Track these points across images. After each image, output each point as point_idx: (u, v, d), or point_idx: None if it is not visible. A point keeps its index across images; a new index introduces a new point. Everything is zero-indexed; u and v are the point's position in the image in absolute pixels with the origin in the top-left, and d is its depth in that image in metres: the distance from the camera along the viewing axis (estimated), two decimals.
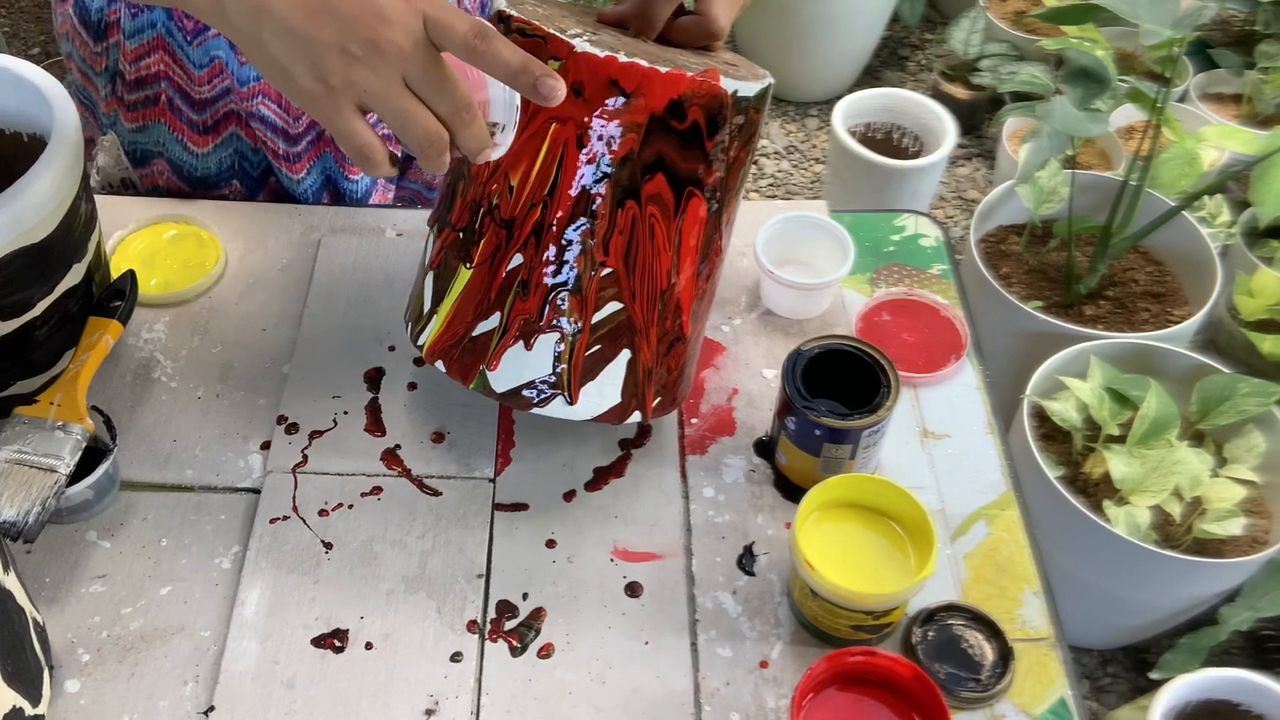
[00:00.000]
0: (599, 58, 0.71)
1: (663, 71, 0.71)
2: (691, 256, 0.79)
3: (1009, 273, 1.85)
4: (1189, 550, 1.45)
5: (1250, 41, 2.28)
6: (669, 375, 0.82)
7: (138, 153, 1.06)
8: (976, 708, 0.76)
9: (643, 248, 0.76)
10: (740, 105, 0.75)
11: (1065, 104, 1.57)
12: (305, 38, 0.61)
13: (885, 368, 0.83)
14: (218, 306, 0.99)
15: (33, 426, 0.81)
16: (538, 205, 0.75)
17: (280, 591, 0.80)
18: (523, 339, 0.77)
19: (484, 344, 0.77)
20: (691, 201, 0.77)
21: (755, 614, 0.80)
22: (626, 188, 0.74)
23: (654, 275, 0.77)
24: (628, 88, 0.71)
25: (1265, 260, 1.87)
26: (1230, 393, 1.52)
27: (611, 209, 0.75)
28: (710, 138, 0.75)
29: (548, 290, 0.76)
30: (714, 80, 0.73)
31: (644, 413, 0.81)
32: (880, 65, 2.72)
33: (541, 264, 0.76)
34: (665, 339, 0.80)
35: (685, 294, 0.80)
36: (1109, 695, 1.66)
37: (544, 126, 0.74)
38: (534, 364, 0.77)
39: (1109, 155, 2.18)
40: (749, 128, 0.78)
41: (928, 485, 0.88)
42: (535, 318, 0.76)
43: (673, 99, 0.72)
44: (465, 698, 0.76)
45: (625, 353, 0.78)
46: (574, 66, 0.71)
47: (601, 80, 0.71)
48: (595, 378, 0.78)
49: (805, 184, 2.45)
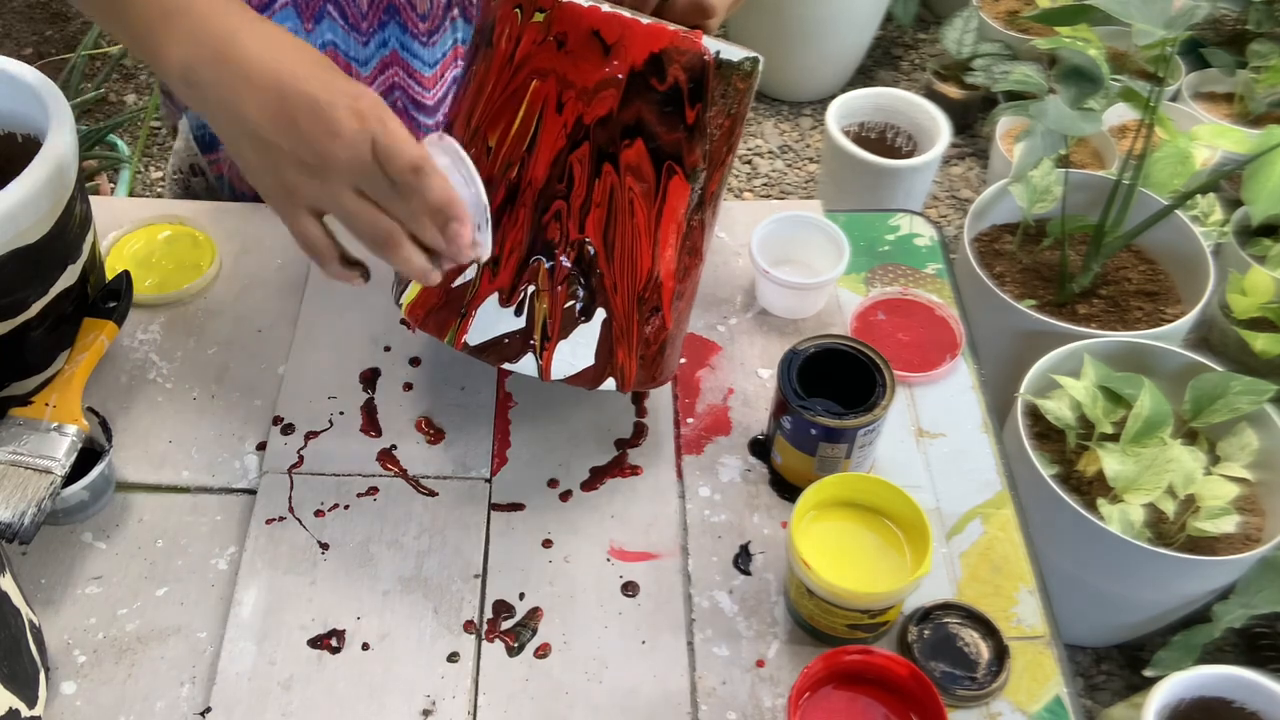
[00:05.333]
0: (582, 7, 0.72)
1: (644, 22, 0.72)
2: (672, 235, 0.79)
3: (1002, 272, 1.85)
4: (1182, 548, 1.46)
5: (1242, 41, 2.29)
6: (648, 348, 0.81)
7: (205, 138, 1.07)
8: (972, 706, 0.76)
9: (621, 224, 0.76)
10: (723, 71, 0.75)
11: (1058, 103, 1.58)
12: (270, 144, 0.67)
13: (881, 367, 0.84)
14: (213, 307, 0.99)
15: (28, 428, 0.81)
16: (515, 164, 0.75)
17: (277, 592, 0.80)
18: (497, 293, 0.77)
19: (459, 298, 0.78)
20: (673, 180, 0.77)
21: (752, 613, 0.81)
22: (605, 150, 0.74)
23: (633, 252, 0.77)
24: (609, 39, 0.72)
25: (1258, 259, 1.87)
26: (1223, 391, 1.52)
27: (590, 174, 0.75)
28: (691, 105, 0.75)
29: (525, 252, 0.76)
30: (698, 38, 0.73)
31: (620, 381, 0.80)
32: (874, 65, 2.73)
33: (517, 224, 0.76)
34: (645, 305, 0.80)
35: (666, 270, 0.80)
36: (1103, 693, 1.66)
37: (525, 83, 0.74)
38: (507, 319, 0.77)
39: (1102, 154, 2.18)
40: (734, 98, 0.77)
41: (923, 484, 0.88)
42: (512, 275, 0.76)
43: (654, 52, 0.72)
44: (462, 698, 0.76)
45: (600, 312, 0.78)
46: (559, 17, 0.72)
47: (584, 31, 0.72)
48: (569, 336, 0.77)
49: (799, 183, 2.45)
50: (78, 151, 0.83)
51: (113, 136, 2.24)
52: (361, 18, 0.96)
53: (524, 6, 0.74)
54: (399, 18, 0.96)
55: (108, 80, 2.57)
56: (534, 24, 0.74)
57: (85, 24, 2.69)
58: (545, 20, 0.73)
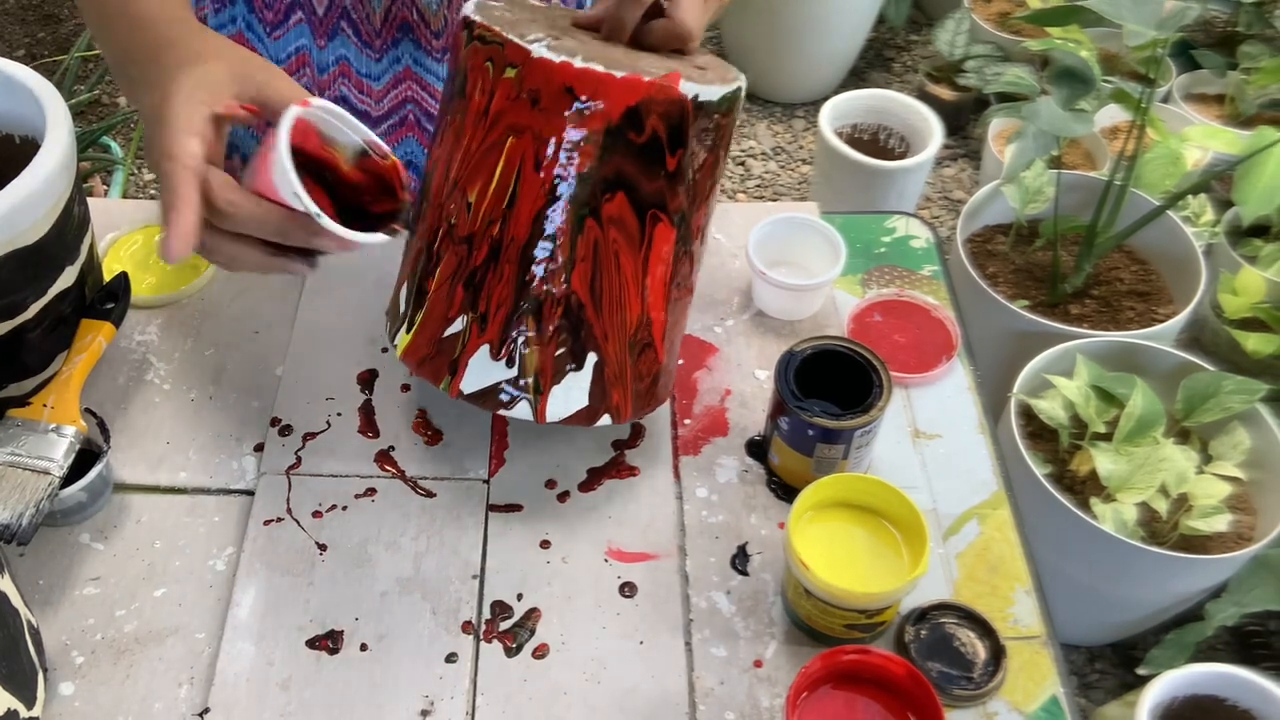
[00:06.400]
0: (554, 63, 0.69)
1: (618, 76, 0.69)
2: (661, 278, 0.77)
3: (995, 272, 1.86)
4: (1175, 547, 1.47)
5: (1233, 42, 2.30)
6: (642, 381, 0.81)
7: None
8: (969, 706, 0.76)
9: (608, 275, 0.75)
10: (704, 110, 0.73)
11: (1050, 104, 1.58)
12: None
13: (877, 368, 0.84)
14: (211, 308, 0.99)
15: (26, 429, 0.81)
16: (496, 221, 0.74)
17: (275, 593, 0.80)
18: (487, 345, 0.77)
19: (450, 349, 0.78)
20: (658, 227, 0.75)
21: (749, 614, 0.81)
22: (586, 205, 0.73)
23: (621, 301, 0.76)
24: (583, 95, 0.69)
25: (1249, 259, 1.88)
26: (1215, 390, 1.53)
27: (572, 230, 0.73)
28: (672, 152, 0.72)
29: (511, 307, 0.76)
30: (673, 84, 0.70)
31: (615, 416, 0.80)
32: (866, 66, 2.73)
33: (502, 280, 0.75)
34: (636, 345, 0.79)
35: (656, 308, 0.79)
36: (1097, 691, 1.67)
37: (501, 139, 0.72)
38: (499, 369, 0.77)
39: (1093, 155, 2.19)
40: (717, 133, 0.75)
41: (920, 485, 0.88)
42: (500, 330, 0.76)
43: (630, 106, 0.70)
44: (460, 699, 0.76)
45: (592, 357, 0.78)
46: (530, 73, 0.70)
47: (557, 87, 0.69)
48: (561, 382, 0.77)
49: (792, 185, 2.46)
50: (75, 153, 0.83)
51: (106, 138, 2.23)
52: (375, 35, 0.96)
53: (495, 60, 0.71)
54: (412, 35, 0.96)
55: (100, 82, 2.56)
56: (506, 79, 0.71)
57: (78, 26, 2.68)
58: (517, 76, 0.70)
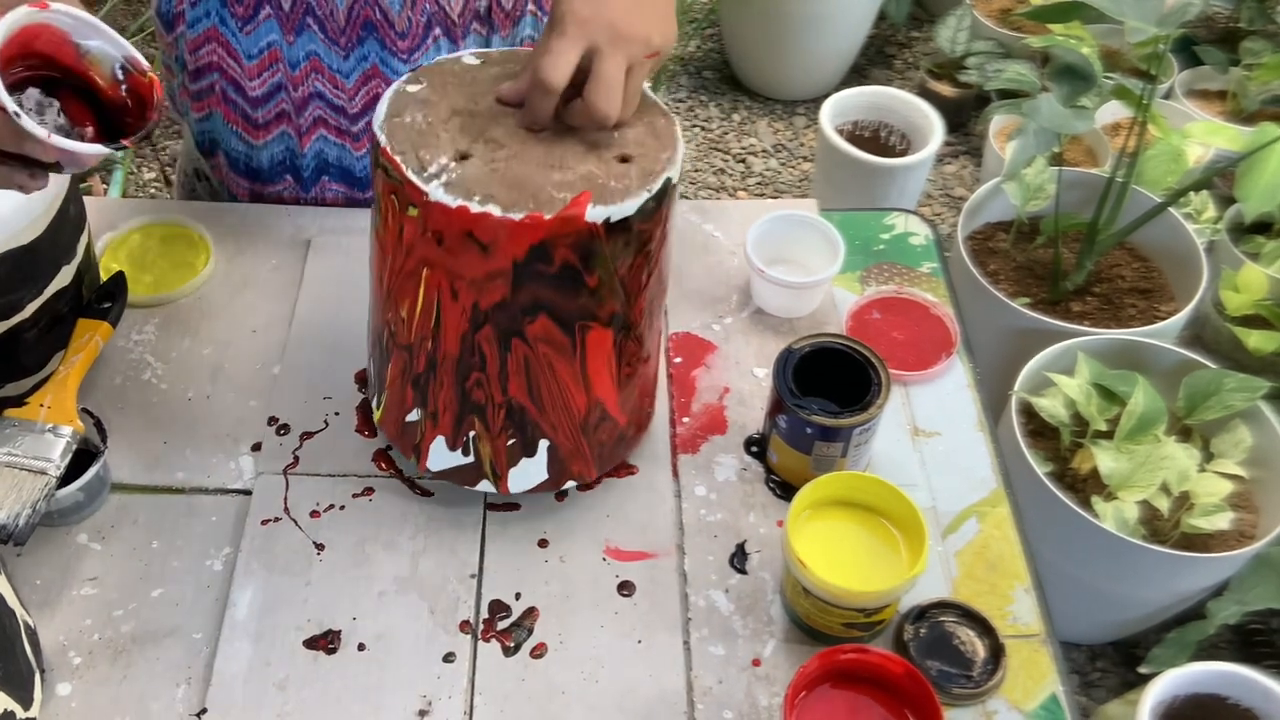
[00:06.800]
0: (450, 208, 0.67)
1: (516, 220, 0.67)
2: (604, 369, 0.77)
3: (996, 269, 1.85)
4: (1176, 545, 1.46)
5: (1235, 38, 2.29)
6: (605, 446, 0.83)
7: (205, 143, 1.07)
8: (968, 704, 0.76)
9: (545, 383, 0.76)
10: (620, 227, 0.69)
11: (1051, 101, 1.58)
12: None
13: (876, 366, 0.84)
14: (208, 308, 0.98)
15: (23, 429, 0.81)
16: (428, 338, 0.75)
17: (272, 593, 0.80)
18: (443, 437, 0.80)
19: (411, 434, 0.81)
20: (590, 334, 0.74)
21: (748, 612, 0.81)
22: (509, 329, 0.72)
23: (564, 400, 0.77)
24: (484, 239, 0.68)
25: (1251, 256, 1.88)
26: (1217, 388, 1.52)
27: (499, 349, 0.73)
28: (590, 273, 0.70)
29: (456, 410, 0.78)
30: (580, 213, 0.67)
31: (581, 479, 0.83)
32: (867, 63, 2.73)
33: (444, 388, 0.77)
34: (590, 426, 0.80)
35: (604, 392, 0.79)
36: (1098, 690, 1.67)
37: (417, 269, 0.72)
38: (456, 457, 0.80)
39: (1095, 152, 2.19)
40: (642, 237, 0.72)
41: (919, 483, 0.88)
42: (451, 427, 0.79)
43: (534, 244, 0.68)
44: (458, 698, 0.76)
45: (544, 443, 0.79)
46: (429, 215, 0.69)
47: (458, 231, 0.68)
48: (517, 465, 0.80)
49: (793, 182, 2.45)
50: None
51: None
52: (340, 33, 0.96)
53: (399, 196, 0.70)
54: (377, 34, 0.96)
55: None
56: (410, 217, 0.70)
57: None
58: (419, 216, 0.69)
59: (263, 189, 1.07)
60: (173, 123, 2.52)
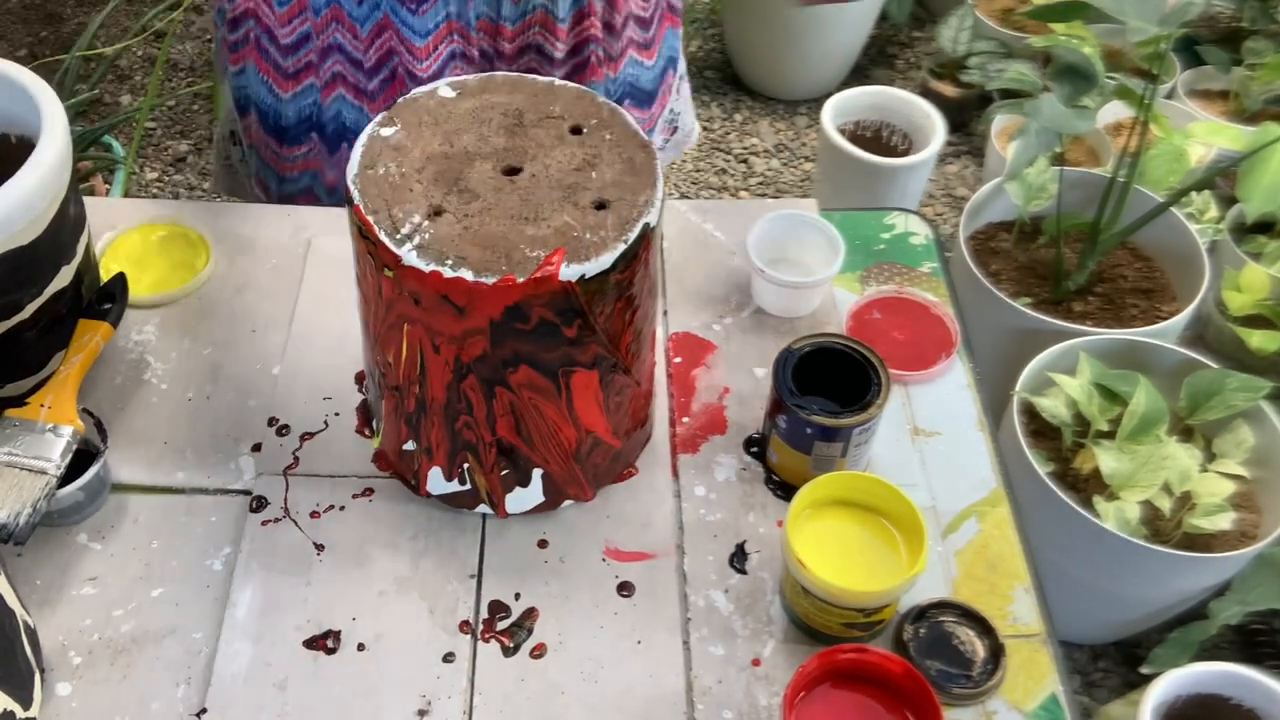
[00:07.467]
0: (424, 273, 0.67)
1: (489, 284, 0.67)
2: (592, 405, 0.77)
3: (998, 269, 1.85)
4: (1178, 545, 1.46)
5: (1237, 38, 2.29)
6: (600, 467, 0.83)
7: (241, 100, 1.07)
8: (968, 704, 0.76)
9: (533, 423, 0.76)
10: (595, 281, 0.69)
11: (1053, 101, 1.57)
12: None
13: (876, 366, 0.84)
14: (208, 308, 0.99)
15: (23, 429, 0.81)
16: (415, 383, 0.76)
17: (272, 593, 0.80)
18: (439, 468, 0.81)
19: (411, 461, 0.83)
20: (574, 377, 0.74)
21: (747, 612, 0.81)
22: (491, 379, 0.73)
23: (553, 435, 0.78)
24: (459, 302, 0.68)
25: (1253, 256, 1.88)
26: (1219, 388, 1.52)
27: (485, 396, 0.74)
28: (569, 326, 0.70)
29: (449, 446, 0.79)
30: (554, 273, 0.67)
31: (578, 499, 0.84)
32: (869, 63, 2.72)
33: (435, 427, 0.78)
34: (583, 454, 0.81)
35: (595, 423, 0.79)
36: (1100, 690, 1.67)
37: (398, 323, 0.72)
38: (454, 485, 0.82)
39: (1097, 152, 2.18)
40: (621, 285, 0.71)
41: (918, 483, 0.88)
42: (446, 460, 0.80)
43: (508, 306, 0.68)
44: (458, 698, 0.76)
45: (538, 473, 0.81)
46: (404, 277, 0.69)
47: (432, 294, 0.68)
48: (513, 493, 0.81)
49: (795, 182, 2.45)
50: (71, 153, 0.83)
51: (108, 137, 2.24)
52: None
53: (374, 256, 0.70)
54: None
55: (102, 81, 2.56)
56: (387, 277, 0.70)
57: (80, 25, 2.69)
58: (395, 277, 0.69)
59: (290, 152, 1.07)
60: (175, 122, 2.52)
